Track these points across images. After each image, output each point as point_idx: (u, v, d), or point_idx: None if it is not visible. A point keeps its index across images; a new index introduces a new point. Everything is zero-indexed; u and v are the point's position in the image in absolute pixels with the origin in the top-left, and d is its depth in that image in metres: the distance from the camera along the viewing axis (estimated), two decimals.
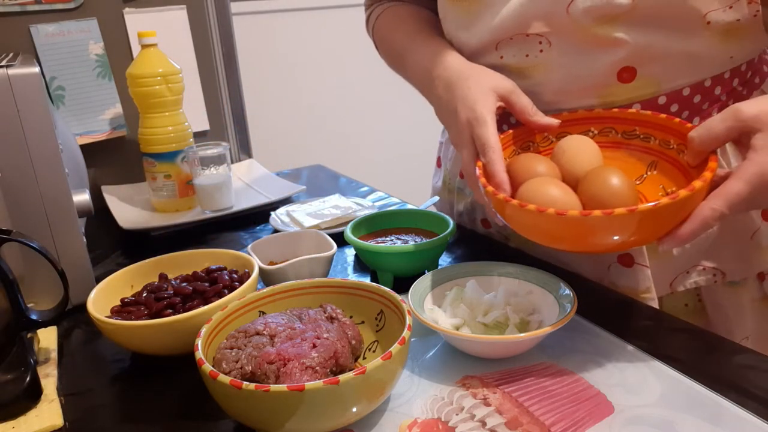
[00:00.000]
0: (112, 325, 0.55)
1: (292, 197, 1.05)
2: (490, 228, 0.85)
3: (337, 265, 0.78)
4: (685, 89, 0.63)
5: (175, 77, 0.99)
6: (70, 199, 0.65)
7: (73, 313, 0.67)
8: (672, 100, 0.64)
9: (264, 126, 1.66)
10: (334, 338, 0.49)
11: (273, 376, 0.45)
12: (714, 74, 0.63)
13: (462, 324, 0.55)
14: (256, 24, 2.04)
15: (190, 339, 0.49)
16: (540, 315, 0.56)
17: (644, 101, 0.64)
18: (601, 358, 0.53)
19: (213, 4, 1.17)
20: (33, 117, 0.61)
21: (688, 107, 0.64)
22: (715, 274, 0.67)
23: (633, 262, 0.67)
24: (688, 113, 0.65)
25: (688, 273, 0.68)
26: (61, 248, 0.66)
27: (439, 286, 0.61)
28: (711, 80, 0.63)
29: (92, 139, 1.09)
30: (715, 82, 0.63)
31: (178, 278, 0.65)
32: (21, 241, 0.56)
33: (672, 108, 0.64)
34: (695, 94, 0.64)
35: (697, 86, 0.63)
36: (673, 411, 0.46)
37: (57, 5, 1.03)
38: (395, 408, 0.48)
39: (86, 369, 0.59)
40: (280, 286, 0.57)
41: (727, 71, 0.63)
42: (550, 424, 0.45)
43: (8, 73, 0.60)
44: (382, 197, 1.05)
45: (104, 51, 1.08)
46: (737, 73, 0.64)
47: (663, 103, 0.64)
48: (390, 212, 0.80)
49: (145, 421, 0.50)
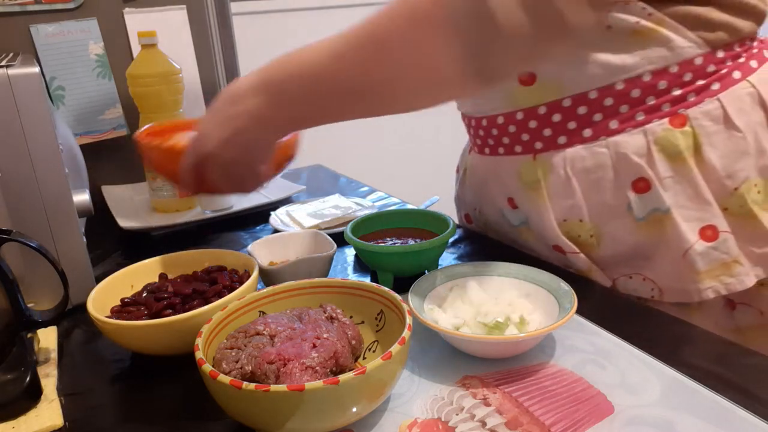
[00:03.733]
0: (112, 325, 0.55)
1: (292, 197, 1.05)
2: (472, 224, 0.87)
3: (337, 265, 0.78)
4: (591, 92, 0.63)
5: (175, 77, 0.99)
6: (70, 199, 0.65)
7: (73, 313, 0.67)
8: (578, 102, 0.64)
9: None
10: (334, 338, 0.49)
11: (273, 376, 0.45)
12: (625, 77, 0.62)
13: (462, 324, 0.55)
14: (256, 24, 2.03)
15: (190, 339, 0.49)
16: (540, 315, 0.56)
17: (548, 104, 0.66)
18: (601, 358, 0.53)
19: (213, 4, 1.17)
20: (33, 117, 0.61)
21: (600, 110, 0.64)
22: (653, 288, 0.66)
23: (564, 252, 0.70)
24: (601, 116, 0.64)
25: (630, 278, 0.68)
26: (61, 248, 0.66)
27: (439, 286, 0.61)
28: (623, 83, 0.62)
29: (92, 139, 1.09)
30: (629, 85, 0.62)
31: (178, 278, 0.65)
32: (21, 241, 0.56)
33: (579, 110, 0.64)
34: (605, 97, 0.63)
35: (606, 90, 0.63)
36: (673, 411, 0.46)
37: (57, 5, 1.03)
38: (395, 408, 0.48)
39: (86, 369, 0.59)
40: (280, 286, 0.57)
41: (647, 73, 0.61)
42: (550, 424, 0.45)
43: (8, 73, 0.60)
44: (382, 197, 1.05)
45: (104, 51, 1.08)
46: (665, 76, 0.61)
47: (568, 105, 0.65)
48: (390, 212, 0.80)
49: (145, 421, 0.50)
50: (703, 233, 0.62)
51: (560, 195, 0.68)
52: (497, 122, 0.71)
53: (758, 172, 0.62)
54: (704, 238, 0.62)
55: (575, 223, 0.68)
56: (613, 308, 0.62)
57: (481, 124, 0.74)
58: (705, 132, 0.61)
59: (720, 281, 0.63)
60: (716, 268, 0.63)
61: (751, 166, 0.62)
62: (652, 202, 0.63)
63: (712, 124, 0.61)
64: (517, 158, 0.71)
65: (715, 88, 0.62)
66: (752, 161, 0.62)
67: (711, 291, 0.63)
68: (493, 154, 0.75)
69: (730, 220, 0.63)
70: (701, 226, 0.62)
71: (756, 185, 0.62)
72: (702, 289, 0.64)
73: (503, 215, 0.77)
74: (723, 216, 0.62)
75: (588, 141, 0.65)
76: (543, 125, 0.67)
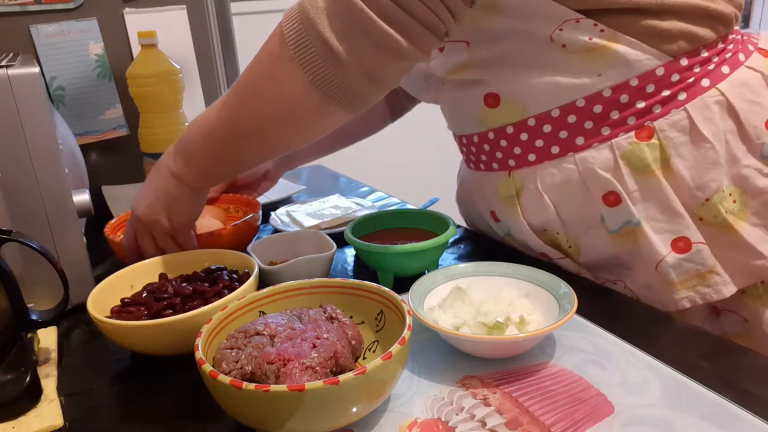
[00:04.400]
0: (112, 325, 0.55)
1: (292, 197, 1.05)
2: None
3: (337, 265, 0.78)
4: (554, 110, 0.64)
5: (175, 77, 0.99)
6: (70, 199, 0.65)
7: (73, 313, 0.67)
8: (542, 121, 0.65)
9: None
10: (334, 338, 0.49)
11: (273, 376, 0.45)
12: (585, 95, 0.62)
13: (462, 324, 0.55)
14: (256, 24, 2.03)
15: (190, 339, 0.49)
16: (540, 315, 0.56)
17: (514, 124, 0.66)
18: (601, 358, 0.53)
19: (213, 4, 1.17)
20: (33, 117, 0.61)
21: (565, 127, 0.64)
22: (632, 297, 0.66)
23: (550, 258, 0.71)
24: (566, 133, 0.64)
25: (615, 284, 0.68)
26: (61, 248, 0.66)
27: (439, 286, 0.61)
28: (584, 100, 0.62)
29: (92, 139, 1.09)
30: (590, 102, 0.62)
31: (178, 278, 0.65)
32: (21, 241, 0.56)
33: (545, 128, 0.65)
34: (567, 115, 0.63)
35: (567, 107, 0.63)
36: (673, 411, 0.46)
37: (57, 5, 1.03)
38: (395, 408, 0.48)
39: (86, 369, 0.59)
40: (280, 286, 0.57)
41: (606, 89, 0.61)
42: (550, 424, 0.45)
43: (8, 73, 0.60)
44: (382, 197, 1.05)
45: (104, 51, 1.08)
46: (625, 89, 0.61)
47: (533, 124, 0.65)
48: (390, 212, 0.80)
49: (145, 421, 0.50)
50: (675, 245, 0.62)
51: (534, 210, 0.69)
52: (474, 141, 0.73)
53: (731, 181, 0.62)
54: (676, 250, 0.62)
55: (553, 234, 0.70)
56: (613, 308, 0.62)
57: (462, 141, 0.76)
58: (672, 143, 0.61)
59: (696, 291, 0.63)
60: (691, 278, 0.63)
61: (722, 175, 0.61)
62: (623, 216, 0.63)
63: (680, 135, 0.61)
64: (495, 174, 0.72)
65: (681, 98, 0.61)
66: (724, 170, 0.61)
67: (687, 301, 0.64)
68: (476, 170, 0.76)
69: (706, 231, 0.62)
70: (673, 238, 0.62)
71: (731, 194, 0.62)
72: (677, 299, 0.64)
73: (489, 226, 0.79)
74: (697, 227, 0.62)
75: (556, 157, 0.65)
76: (512, 144, 0.68)
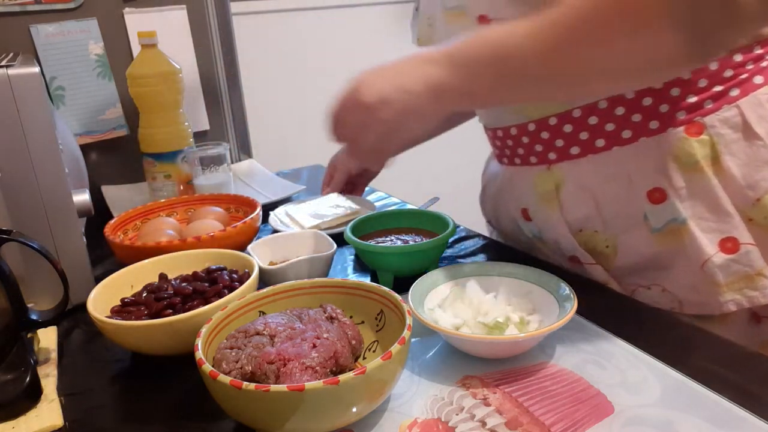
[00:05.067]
0: (112, 325, 0.55)
1: (292, 197, 1.05)
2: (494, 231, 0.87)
3: (337, 265, 0.78)
4: (601, 102, 0.62)
5: (175, 77, 0.99)
6: (70, 199, 0.65)
7: (73, 313, 0.67)
8: (588, 112, 0.63)
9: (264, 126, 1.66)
10: (334, 338, 0.49)
11: (273, 376, 0.45)
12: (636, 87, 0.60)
13: (462, 324, 0.55)
14: (256, 24, 2.03)
15: (190, 339, 0.49)
16: (540, 315, 0.56)
17: (558, 115, 0.65)
18: (601, 358, 0.53)
19: (213, 4, 1.17)
20: (33, 117, 0.61)
21: (612, 119, 0.62)
22: (673, 300, 0.65)
23: (581, 262, 0.69)
24: (613, 126, 0.62)
25: (649, 289, 0.66)
26: (61, 248, 0.66)
27: (439, 286, 0.61)
28: (634, 92, 0.61)
29: (92, 139, 1.09)
30: (640, 94, 0.61)
31: (178, 278, 0.65)
32: (21, 241, 0.56)
33: (590, 120, 0.63)
34: (616, 107, 0.62)
35: (616, 99, 0.61)
36: (673, 411, 0.45)
37: (57, 5, 1.03)
38: (395, 408, 0.48)
39: (86, 369, 0.59)
40: (280, 286, 0.57)
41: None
42: (550, 424, 0.45)
43: (8, 73, 0.60)
44: (382, 197, 1.05)
45: (104, 51, 1.08)
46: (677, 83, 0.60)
47: (578, 116, 0.64)
48: (390, 212, 0.80)
49: (145, 421, 0.50)
50: (722, 245, 0.60)
51: (575, 206, 0.67)
52: (511, 133, 0.70)
53: None
54: (724, 250, 0.60)
55: (591, 233, 0.67)
56: (613, 308, 0.62)
57: (497, 135, 0.74)
58: (723, 141, 0.59)
59: (743, 294, 0.61)
60: (738, 280, 0.61)
61: None
62: (668, 213, 0.61)
63: (731, 132, 0.59)
64: (532, 169, 0.70)
65: (734, 95, 0.60)
66: None
67: (732, 304, 0.61)
68: (510, 164, 0.74)
69: (756, 232, 0.60)
70: (721, 237, 0.60)
71: None
72: (723, 302, 0.62)
73: (518, 226, 0.76)
74: (747, 227, 0.60)
75: (601, 151, 0.64)
76: (555, 136, 0.66)
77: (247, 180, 1.16)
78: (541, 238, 0.73)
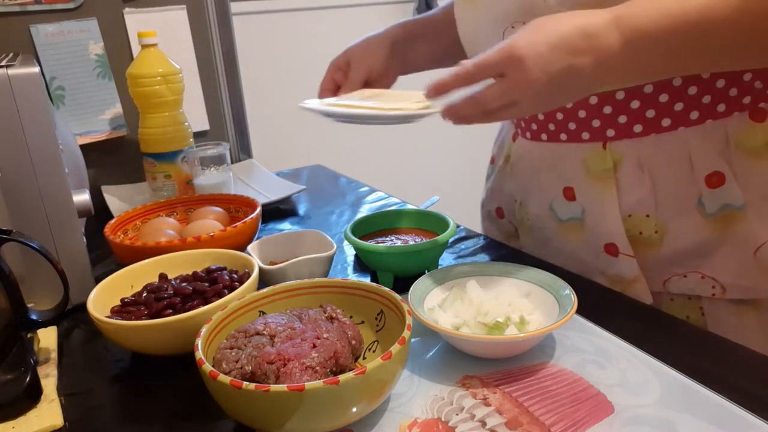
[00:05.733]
0: (112, 325, 0.55)
1: (292, 197, 1.05)
2: (503, 218, 0.85)
3: (337, 265, 0.78)
4: (675, 80, 0.60)
5: (175, 77, 0.99)
6: (70, 199, 0.65)
7: (73, 313, 0.67)
8: (660, 90, 0.61)
9: (264, 126, 1.66)
10: (334, 338, 0.49)
11: (273, 376, 0.45)
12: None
13: (462, 324, 0.55)
14: (256, 24, 2.03)
15: (190, 339, 0.49)
16: (540, 315, 0.56)
17: (628, 89, 0.62)
18: (601, 358, 0.53)
19: (213, 4, 1.17)
20: (33, 117, 0.61)
21: (682, 99, 0.61)
22: (714, 286, 0.64)
23: (618, 252, 0.67)
24: (682, 105, 0.61)
25: (685, 277, 0.65)
26: (61, 248, 0.66)
27: (439, 286, 0.61)
28: (710, 74, 0.60)
29: (92, 139, 1.09)
30: (714, 75, 0.60)
31: (178, 278, 0.65)
32: (21, 241, 0.56)
33: (661, 98, 0.61)
34: (689, 86, 0.60)
35: (691, 78, 0.60)
36: (673, 411, 0.46)
37: (57, 5, 1.03)
38: (395, 408, 0.48)
39: (86, 369, 0.59)
40: (280, 286, 0.57)
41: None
42: (550, 424, 0.45)
43: (8, 73, 0.60)
44: (382, 197, 1.05)
45: (104, 51, 1.08)
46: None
47: (649, 92, 0.62)
48: (390, 212, 0.80)
49: (145, 421, 0.50)
50: None
51: (630, 187, 0.65)
52: (566, 106, 0.66)
53: None
54: None
55: (641, 218, 0.65)
56: (613, 308, 0.62)
57: None
58: None
59: None
60: None
61: None
62: (724, 198, 0.61)
63: None
64: (583, 146, 0.67)
65: None
66: None
67: None
68: (552, 141, 0.70)
69: None
70: None
71: None
72: None
73: (551, 208, 0.73)
74: None
75: (666, 131, 0.62)
76: (619, 112, 0.63)
77: (247, 180, 1.16)
78: (582, 220, 0.70)
